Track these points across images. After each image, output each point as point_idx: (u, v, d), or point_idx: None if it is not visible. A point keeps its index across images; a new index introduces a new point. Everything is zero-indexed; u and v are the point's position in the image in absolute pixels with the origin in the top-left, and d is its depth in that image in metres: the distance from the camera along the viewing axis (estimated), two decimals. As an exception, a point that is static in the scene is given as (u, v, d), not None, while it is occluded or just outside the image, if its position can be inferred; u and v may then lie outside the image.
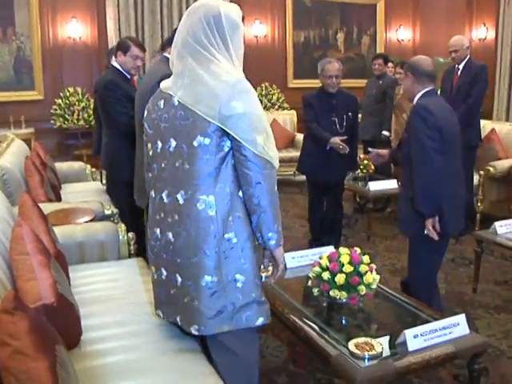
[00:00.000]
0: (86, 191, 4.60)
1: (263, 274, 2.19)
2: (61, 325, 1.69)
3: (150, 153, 2.00)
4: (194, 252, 1.84)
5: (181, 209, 1.86)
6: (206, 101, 1.79)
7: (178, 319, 1.97)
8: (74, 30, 7.27)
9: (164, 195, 1.92)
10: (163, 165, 1.92)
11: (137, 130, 3.16)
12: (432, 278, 3.11)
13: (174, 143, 1.87)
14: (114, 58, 3.88)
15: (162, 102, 1.93)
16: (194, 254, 1.84)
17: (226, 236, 1.84)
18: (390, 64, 6.21)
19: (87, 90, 7.13)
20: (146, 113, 2.03)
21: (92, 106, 5.57)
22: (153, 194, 2.01)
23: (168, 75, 2.01)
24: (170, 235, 1.90)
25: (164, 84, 1.97)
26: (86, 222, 3.29)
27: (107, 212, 3.57)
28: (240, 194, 1.87)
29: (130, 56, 3.67)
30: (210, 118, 1.77)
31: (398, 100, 5.69)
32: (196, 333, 1.91)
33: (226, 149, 1.83)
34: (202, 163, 1.82)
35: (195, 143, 1.81)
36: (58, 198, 4.08)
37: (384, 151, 3.73)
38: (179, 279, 1.90)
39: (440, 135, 2.76)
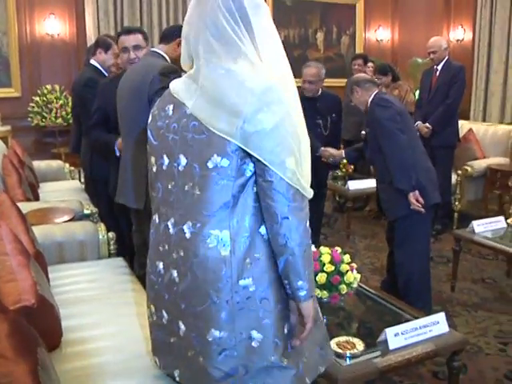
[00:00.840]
0: (64, 190, 4.56)
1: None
2: (41, 326, 1.67)
3: (154, 169, 1.63)
4: (200, 299, 1.48)
5: (187, 244, 1.49)
6: (224, 116, 1.41)
7: (176, 374, 1.64)
8: (52, 26, 7.16)
9: (170, 224, 1.56)
10: (170, 186, 1.55)
11: (123, 127, 2.89)
12: (425, 260, 3.27)
13: (184, 161, 1.50)
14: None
15: (171, 107, 1.56)
16: (201, 302, 1.48)
17: (242, 283, 1.46)
18: (369, 64, 6.24)
19: (65, 87, 7.01)
20: (150, 118, 1.66)
21: (70, 104, 5.51)
22: (156, 219, 1.64)
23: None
24: (175, 273, 1.54)
25: (174, 86, 1.58)
26: (65, 221, 3.25)
27: (86, 211, 3.54)
28: (262, 230, 1.48)
29: (111, 54, 3.64)
30: (229, 136, 1.40)
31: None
32: None
33: (249, 173, 1.45)
34: (217, 190, 1.44)
35: (210, 164, 1.43)
36: (36, 198, 4.03)
37: (338, 152, 3.98)
38: (182, 328, 1.55)
39: (400, 117, 3.07)
